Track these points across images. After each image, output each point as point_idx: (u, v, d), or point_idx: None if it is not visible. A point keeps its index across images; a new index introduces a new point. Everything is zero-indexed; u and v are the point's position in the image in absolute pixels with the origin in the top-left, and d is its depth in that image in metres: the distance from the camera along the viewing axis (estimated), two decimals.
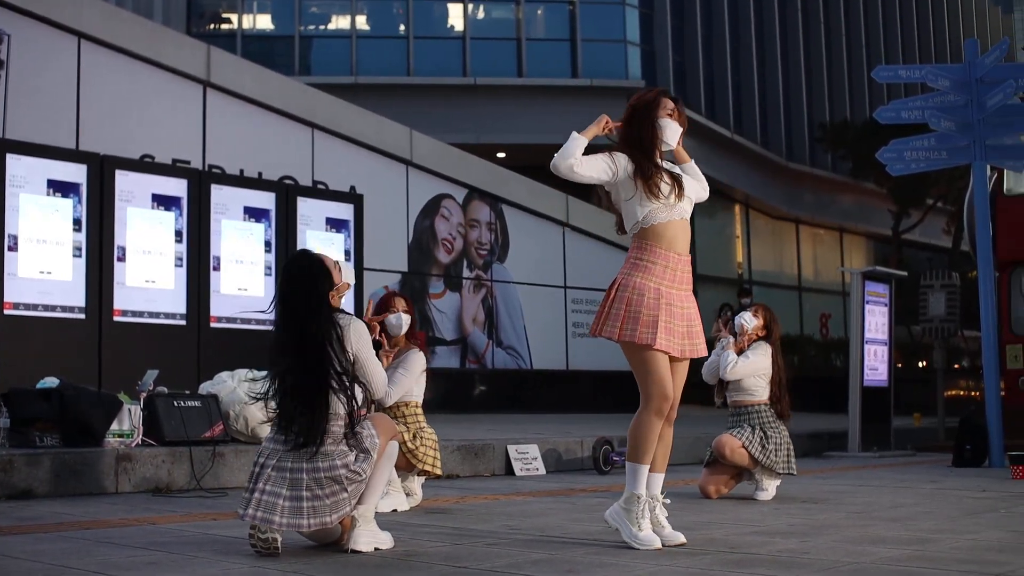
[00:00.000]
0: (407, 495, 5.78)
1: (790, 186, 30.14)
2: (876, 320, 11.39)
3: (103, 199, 8.91)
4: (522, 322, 17.41)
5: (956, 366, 24.27)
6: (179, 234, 9.37)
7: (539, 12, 27.40)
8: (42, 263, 8.59)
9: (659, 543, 4.22)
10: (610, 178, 4.36)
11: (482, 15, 27.33)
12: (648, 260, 4.32)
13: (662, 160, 4.46)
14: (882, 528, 4.94)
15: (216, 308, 9.49)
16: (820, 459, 10.41)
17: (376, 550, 4.14)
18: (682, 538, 4.31)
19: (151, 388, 6.91)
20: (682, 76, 28.19)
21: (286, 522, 4.00)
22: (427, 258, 16.29)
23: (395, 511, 5.54)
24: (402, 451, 5.52)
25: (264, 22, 27.35)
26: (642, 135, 4.40)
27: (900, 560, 3.95)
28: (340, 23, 26.78)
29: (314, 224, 10.33)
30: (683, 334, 4.34)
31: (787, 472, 6.59)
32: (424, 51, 26.02)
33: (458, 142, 18.35)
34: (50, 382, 6.82)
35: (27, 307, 8.47)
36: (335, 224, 10.54)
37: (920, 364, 25.39)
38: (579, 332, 17.84)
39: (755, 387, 6.66)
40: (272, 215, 10.00)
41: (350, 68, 25.38)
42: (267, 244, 9.95)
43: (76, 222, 8.78)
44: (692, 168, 4.61)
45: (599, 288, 16.77)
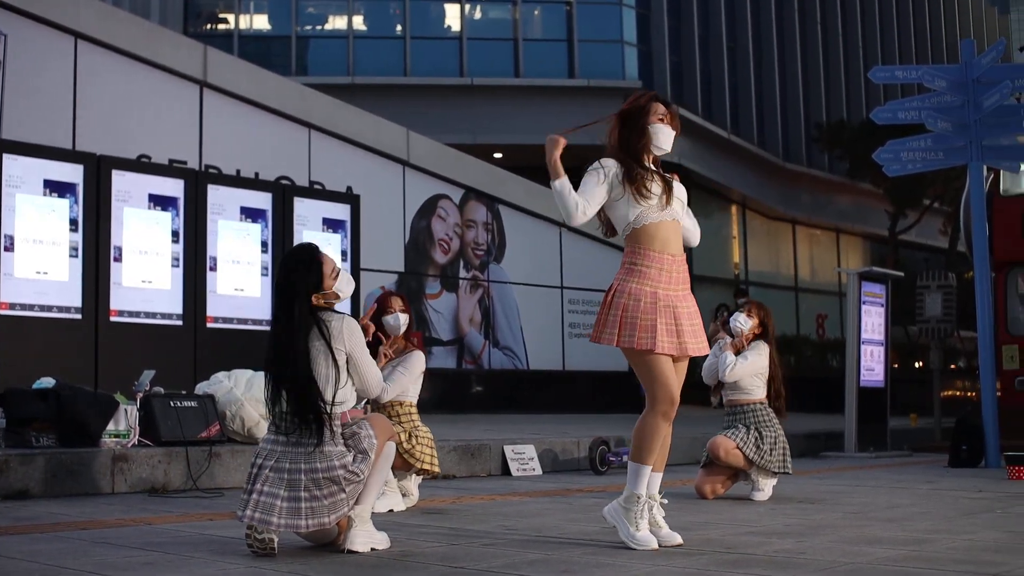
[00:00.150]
0: (403, 495, 5.78)
1: (787, 186, 30.14)
2: (873, 320, 11.40)
3: (99, 199, 8.91)
4: (519, 322, 17.39)
5: (952, 367, 24.31)
6: (175, 234, 9.37)
7: (536, 12, 27.39)
8: (38, 263, 8.59)
9: (656, 543, 4.23)
10: (608, 186, 4.38)
11: (479, 15, 27.32)
12: (643, 264, 4.33)
13: (653, 165, 4.48)
14: (878, 528, 4.95)
15: (212, 308, 9.50)
16: (816, 459, 10.42)
17: (372, 550, 4.14)
18: (679, 538, 4.32)
19: (147, 388, 6.90)
20: (679, 76, 28.20)
21: (284, 523, 4.00)
22: (424, 258, 16.28)
23: (391, 511, 5.54)
24: (398, 451, 5.52)
25: (261, 22, 27.34)
26: (631, 140, 4.43)
27: (896, 560, 3.96)
28: (337, 23, 26.77)
29: (311, 224, 10.33)
30: (689, 332, 4.34)
31: (783, 471, 6.59)
32: (421, 51, 26.01)
33: (455, 142, 18.33)
34: (46, 382, 6.82)
35: (23, 307, 8.47)
36: (332, 224, 10.54)
37: (916, 364, 25.45)
38: (575, 332, 17.83)
39: (752, 386, 6.66)
40: (269, 215, 10.00)
41: (347, 68, 25.36)
42: (264, 244, 9.95)
43: (72, 222, 8.78)
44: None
45: (595, 289, 16.81)
